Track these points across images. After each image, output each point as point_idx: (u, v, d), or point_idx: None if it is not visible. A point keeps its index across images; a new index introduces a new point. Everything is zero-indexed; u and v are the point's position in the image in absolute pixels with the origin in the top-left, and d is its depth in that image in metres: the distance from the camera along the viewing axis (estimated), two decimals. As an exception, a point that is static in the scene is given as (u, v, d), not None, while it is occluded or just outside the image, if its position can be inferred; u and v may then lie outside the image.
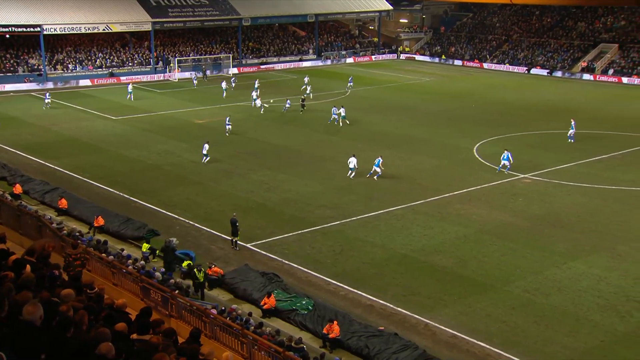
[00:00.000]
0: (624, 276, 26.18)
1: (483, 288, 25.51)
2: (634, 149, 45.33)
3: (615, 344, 21.46)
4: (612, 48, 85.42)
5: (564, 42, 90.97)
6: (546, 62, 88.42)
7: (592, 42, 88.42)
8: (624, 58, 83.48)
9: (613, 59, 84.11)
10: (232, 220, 29.02)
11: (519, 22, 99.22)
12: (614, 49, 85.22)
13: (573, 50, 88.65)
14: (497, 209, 33.98)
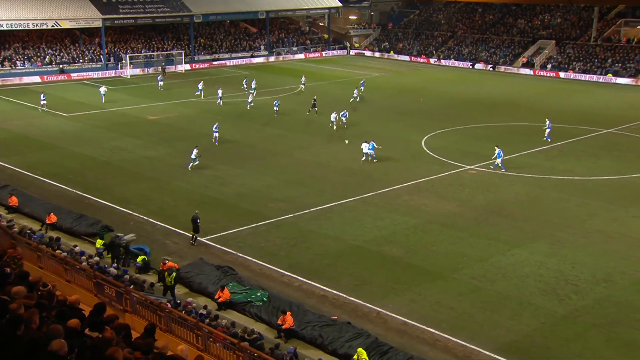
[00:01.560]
0: (562, 261, 27.51)
1: (432, 276, 26.43)
2: (571, 140, 47.23)
3: (555, 326, 22.63)
4: (549, 44, 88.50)
5: (505, 39, 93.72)
6: (489, 57, 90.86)
7: (531, 39, 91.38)
8: (560, 54, 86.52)
9: (551, 55, 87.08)
10: (193, 217, 29.00)
11: (463, 19, 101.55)
12: (551, 45, 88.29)
13: (514, 46, 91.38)
14: (445, 200, 35.08)
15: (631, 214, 32.98)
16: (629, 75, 78.11)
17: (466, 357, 20.72)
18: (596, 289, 25.11)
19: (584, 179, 38.58)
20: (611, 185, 37.58)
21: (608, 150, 45.16)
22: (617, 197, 35.51)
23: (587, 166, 41.19)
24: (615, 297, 24.42)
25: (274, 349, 19.46)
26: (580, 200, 35.05)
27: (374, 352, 20.27)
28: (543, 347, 21.28)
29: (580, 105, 62.20)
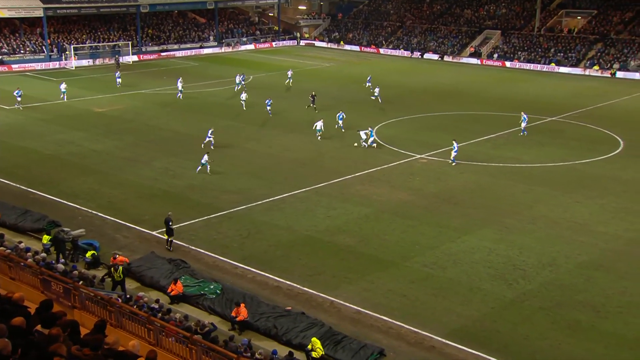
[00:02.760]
0: (510, 247, 28.19)
1: (385, 265, 26.71)
2: (518, 128, 48.30)
3: (504, 310, 23.20)
4: (495, 34, 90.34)
5: (453, 29, 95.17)
6: (438, 47, 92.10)
7: (477, 29, 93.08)
8: (506, 44, 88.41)
9: (497, 45, 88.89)
10: (166, 219, 27.78)
11: (411, 9, 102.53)
12: (497, 35, 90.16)
13: (461, 36, 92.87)
14: (397, 189, 35.46)
15: (574, 199, 33.97)
16: (571, 64, 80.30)
17: (418, 344, 21.05)
18: (542, 273, 25.81)
19: (530, 166, 39.55)
20: (556, 172, 38.62)
21: (552, 137, 46.35)
22: (561, 183, 36.53)
23: (533, 154, 42.20)
24: (559, 281, 25.16)
25: (228, 341, 19.39)
26: (527, 187, 35.91)
27: (328, 341, 20.42)
28: (492, 331, 21.79)
29: (525, 93, 63.62)
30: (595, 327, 21.89)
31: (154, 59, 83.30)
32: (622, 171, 38.73)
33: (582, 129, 49.18)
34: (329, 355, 20.04)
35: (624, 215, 31.76)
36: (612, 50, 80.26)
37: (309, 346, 19.89)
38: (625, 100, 61.63)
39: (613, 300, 23.55)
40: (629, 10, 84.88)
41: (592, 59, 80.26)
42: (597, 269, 26.09)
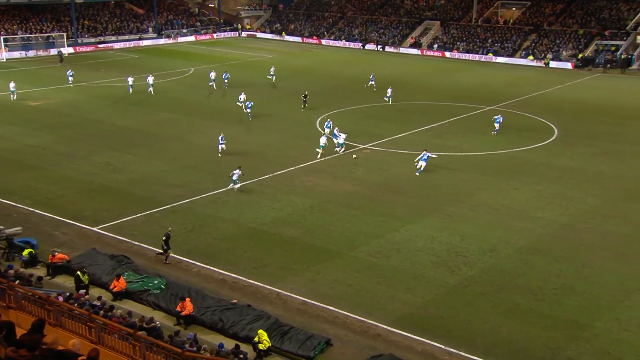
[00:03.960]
0: (453, 234, 28.77)
1: (330, 255, 26.87)
2: (458, 118, 49.30)
3: (447, 296, 23.69)
4: (435, 25, 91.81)
5: (394, 19, 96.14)
6: (379, 38, 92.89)
7: (417, 20, 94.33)
8: (445, 34, 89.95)
9: (436, 35, 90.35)
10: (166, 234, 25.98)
11: (352, 0, 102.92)
12: (437, 25, 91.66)
13: (402, 27, 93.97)
14: (341, 179, 35.67)
15: (512, 186, 34.91)
16: (507, 54, 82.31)
17: (364, 332, 21.29)
18: (483, 259, 26.46)
19: (470, 155, 40.40)
20: (495, 160, 39.57)
21: (491, 126, 47.40)
22: (500, 171, 37.47)
23: (473, 142, 43.10)
24: (500, 266, 25.86)
25: (173, 336, 19.18)
26: (468, 175, 36.67)
27: (274, 333, 20.44)
28: (436, 317, 22.23)
29: (464, 83, 64.90)
30: (533, 310, 22.59)
31: (90, 51, 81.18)
32: (556, 158, 39.99)
33: (519, 118, 50.52)
34: (275, 347, 20.07)
35: (559, 200, 32.83)
36: (546, 41, 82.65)
37: (256, 338, 19.87)
38: (559, 89, 63.63)
39: (549, 283, 24.36)
40: (560, 2, 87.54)
41: (527, 49, 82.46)
42: (535, 254, 26.91)
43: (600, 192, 33.97)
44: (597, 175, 36.87)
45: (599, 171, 37.55)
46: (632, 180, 35.95)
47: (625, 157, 40.23)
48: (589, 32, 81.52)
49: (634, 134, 46.02)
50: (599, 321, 21.80)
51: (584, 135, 45.50)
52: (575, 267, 25.69)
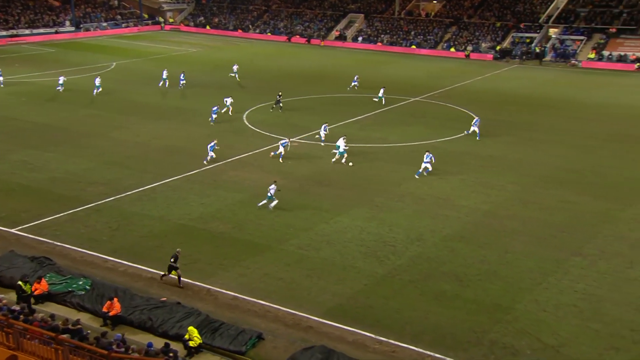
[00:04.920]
0: (381, 225, 29.24)
1: (260, 249, 26.80)
2: (383, 110, 50.06)
3: (377, 285, 24.07)
4: (359, 18, 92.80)
5: (318, 12, 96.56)
6: (304, 31, 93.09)
7: (342, 13, 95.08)
8: (369, 27, 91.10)
9: (361, 28, 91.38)
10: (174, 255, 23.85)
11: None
12: (361, 18, 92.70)
13: (326, 20, 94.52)
14: (269, 173, 35.57)
15: (437, 176, 35.70)
16: (430, 46, 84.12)
17: (296, 325, 21.38)
18: (411, 248, 27.02)
19: (396, 146, 41.10)
20: (420, 151, 40.21)
21: (416, 117, 48.41)
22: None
23: (399, 133, 43.87)
24: (426, 254, 26.47)
25: (100, 337, 18.68)
26: (394, 166, 37.29)
27: (205, 329, 20.26)
28: (366, 307, 22.55)
29: (389, 75, 65.89)
30: (458, 296, 23.26)
31: (1, 45, 77.65)
32: (479, 147, 41.20)
33: (442, 109, 51.75)
34: (207, 344, 19.90)
35: (482, 188, 33.86)
36: (465, 33, 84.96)
37: (186, 336, 19.63)
38: (479, 80, 65.57)
39: (473, 269, 25.14)
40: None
41: (449, 41, 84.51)
42: (460, 241, 27.69)
43: (520, 180, 35.25)
44: (517, 163, 38.24)
45: (518, 159, 38.94)
46: (548, 167, 37.46)
47: (542, 145, 41.86)
48: (505, 24, 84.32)
49: (549, 123, 47.96)
50: (519, 303, 22.68)
51: (503, 124, 47.06)
52: (497, 252, 26.60)
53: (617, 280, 24.19)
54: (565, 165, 37.78)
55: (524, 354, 19.77)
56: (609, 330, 21.00)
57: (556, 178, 35.47)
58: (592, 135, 44.20)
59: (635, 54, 73.76)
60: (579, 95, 58.61)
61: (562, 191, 33.50)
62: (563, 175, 35.53)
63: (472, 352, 19.90)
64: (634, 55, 73.63)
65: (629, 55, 73.90)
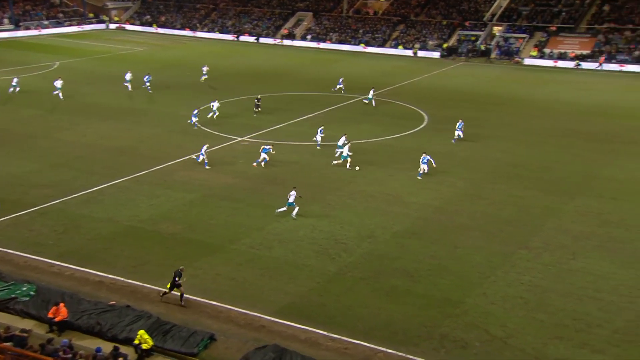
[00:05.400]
0: (333, 222, 29.35)
1: (212, 249, 26.57)
2: (334, 107, 50.23)
3: (329, 283, 24.16)
4: (307, 16, 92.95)
5: (267, 11, 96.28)
6: (253, 29, 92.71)
7: (290, 11, 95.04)
8: (318, 25, 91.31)
9: (310, 26, 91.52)
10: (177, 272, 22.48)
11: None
12: (309, 17, 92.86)
13: (275, 18, 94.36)
14: (220, 172, 35.30)
15: (388, 173, 36.09)
16: (378, 44, 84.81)
17: (248, 325, 21.28)
18: (362, 245, 27.21)
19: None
20: (370, 148, 40.73)
21: (366, 115, 48.74)
22: (375, 158, 38.59)
23: (349, 131, 43.98)
24: (378, 251, 26.71)
25: (45, 344, 18.20)
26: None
27: (156, 332, 19.98)
28: (319, 305, 22.62)
29: (339, 73, 65.99)
30: (409, 291, 23.56)
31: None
32: (427, 144, 41.71)
33: (392, 106, 52.26)
34: (158, 346, 19.63)
35: (432, 185, 34.34)
36: (413, 31, 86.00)
37: (136, 340, 19.32)
38: (427, 77, 66.49)
39: (424, 265, 25.49)
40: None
41: (397, 39, 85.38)
42: (410, 237, 28.03)
43: (469, 175, 35.89)
44: (465, 159, 38.92)
45: (467, 155, 39.64)
46: (495, 163, 38.26)
47: (489, 141, 42.72)
48: (451, 22, 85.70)
49: (495, 119, 48.98)
50: (469, 297, 23.10)
51: (451, 121, 47.73)
52: (447, 247, 27.03)
53: (560, 272, 24.90)
54: (512, 161, 38.65)
55: (473, 347, 20.16)
56: (553, 320, 21.59)
57: (503, 173, 36.25)
58: (537, 131, 45.32)
59: (575, 51, 75.95)
60: (523, 92, 60.03)
61: (509, 186, 34.26)
62: (510, 170, 36.32)
63: (423, 346, 20.18)
64: (573, 52, 75.80)
65: (569, 53, 76.03)
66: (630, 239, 27.80)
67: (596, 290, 23.44)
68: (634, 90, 60.64)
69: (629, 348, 20.03)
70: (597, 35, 77.00)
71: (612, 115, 50.76)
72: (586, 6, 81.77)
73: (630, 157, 39.41)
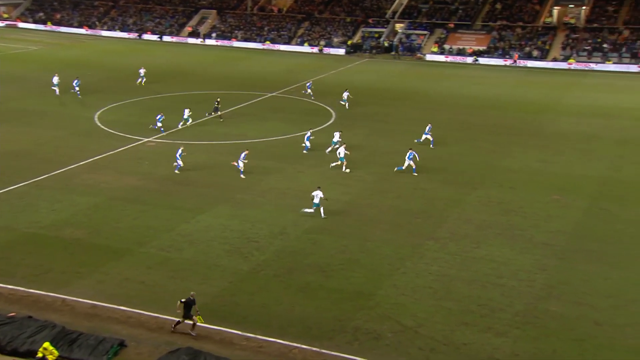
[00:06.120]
0: (244, 221, 29.19)
1: (119, 253, 25.81)
2: (241, 106, 49.93)
3: (242, 282, 24.02)
4: (211, 14, 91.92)
5: (169, 8, 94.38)
6: (155, 27, 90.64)
7: (193, 9, 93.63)
8: (223, 23, 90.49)
9: (214, 24, 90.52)
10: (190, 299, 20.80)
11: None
12: (213, 14, 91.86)
13: (178, 16, 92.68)
14: (126, 174, 34.34)
15: (297, 169, 36.28)
16: (284, 42, 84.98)
17: (160, 328, 20.83)
18: (274, 242, 27.22)
19: (256, 141, 41.15)
20: (279, 145, 40.77)
21: (274, 112, 48.74)
22: (284, 155, 38.68)
23: (257, 129, 43.97)
24: (290, 247, 26.80)
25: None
26: (255, 161, 37.17)
27: (61, 342, 19.20)
28: (232, 304, 22.45)
29: (245, 71, 65.86)
30: (322, 286, 23.79)
31: None
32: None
33: (299, 103, 52.53)
34: (65, 357, 18.87)
35: (341, 180, 34.77)
36: (318, 29, 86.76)
37: (39, 353, 18.47)
38: (333, 74, 67.29)
39: (336, 259, 25.81)
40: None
41: (302, 36, 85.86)
42: (322, 233, 28.29)
43: (377, 170, 36.60)
44: (372, 153, 39.67)
45: (374, 150, 40.42)
46: (402, 156, 39.16)
47: (395, 135, 43.74)
48: (355, 19, 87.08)
49: (400, 114, 50.24)
50: (380, 289, 23.60)
51: (358, 117, 48.63)
52: (358, 241, 27.48)
53: (465, 260, 25.87)
54: (417, 154, 39.67)
55: (385, 338, 20.61)
56: (459, 307, 22.42)
57: (408, 166, 37.18)
58: (439, 124, 46.79)
59: (472, 47, 79.03)
60: (425, 86, 61.85)
61: (415, 179, 35.21)
62: (416, 164, 37.31)
63: (337, 340, 20.44)
64: (471, 48, 78.86)
65: (467, 49, 79.05)
66: (527, 225, 29.26)
67: (498, 277, 24.53)
68: (524, 85, 63.80)
69: (528, 329, 21.11)
70: (492, 32, 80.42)
71: (506, 108, 53.18)
72: (480, 4, 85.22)
73: (523, 148, 41.41)
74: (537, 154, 39.79)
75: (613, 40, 74.42)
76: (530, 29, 79.64)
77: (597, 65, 71.57)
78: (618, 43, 73.86)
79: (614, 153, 40.12)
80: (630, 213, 30.69)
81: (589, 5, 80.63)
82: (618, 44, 73.70)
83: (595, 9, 79.99)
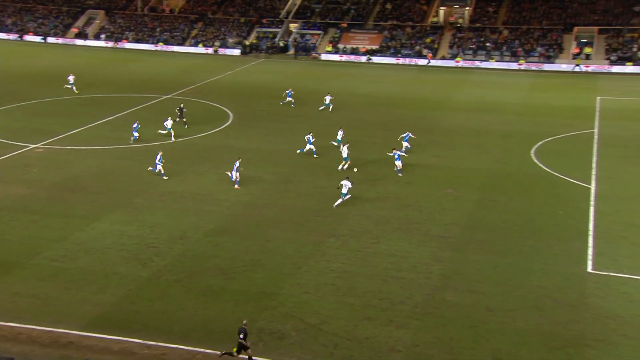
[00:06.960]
0: (142, 226, 28.43)
1: (8, 267, 24.50)
2: (135, 108, 48.57)
3: (141, 289, 23.39)
4: (99, 14, 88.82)
5: (52, 8, 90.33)
6: (38, 28, 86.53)
7: (79, 9, 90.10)
8: (112, 24, 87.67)
9: (102, 25, 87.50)
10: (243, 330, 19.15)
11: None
12: (101, 15, 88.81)
13: (63, 17, 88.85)
14: (12, 183, 32.59)
15: (197, 172, 35.75)
16: (178, 43, 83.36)
17: (54, 343, 19.95)
18: (175, 247, 26.70)
19: (151, 145, 40.15)
20: (176, 148, 39.97)
21: (169, 115, 47.67)
22: (182, 158, 37.98)
23: (153, 133, 42.88)
24: (191, 251, 26.38)
25: None
26: (149, 166, 36.36)
27: (-53, 365, 17.99)
28: (131, 313, 21.83)
29: (137, 73, 64.10)
30: (225, 289, 23.59)
31: None
32: (234, 140, 42.01)
33: (196, 105, 51.71)
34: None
35: (240, 181, 34.45)
36: (212, 29, 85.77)
37: None
38: (229, 74, 66.76)
39: (238, 261, 25.66)
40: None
41: (196, 37, 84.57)
42: (223, 235, 28.04)
43: (276, 169, 36.67)
44: (271, 153, 39.70)
45: (272, 150, 40.47)
46: (299, 156, 39.49)
47: (292, 135, 43.93)
48: (249, 20, 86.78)
49: (297, 113, 50.54)
50: (283, 289, 23.69)
51: (255, 117, 48.51)
52: (260, 242, 27.43)
53: (366, 256, 26.44)
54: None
55: (290, 337, 20.73)
56: (362, 302, 22.90)
57: (308, 165, 37.55)
58: (336, 122, 47.44)
59: (365, 46, 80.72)
60: (321, 85, 62.50)
61: (313, 177, 35.57)
62: (313, 162, 37.72)
63: (243, 341, 20.33)
64: (364, 48, 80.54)
65: (360, 48, 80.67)
66: (423, 219, 30.28)
67: (398, 270, 25.24)
68: (417, 82, 65.93)
69: (427, 320, 21.89)
70: (383, 32, 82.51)
71: (398, 105, 54.68)
72: (371, 4, 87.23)
73: (418, 144, 42.76)
74: (431, 149, 41.19)
75: (494, 39, 78.31)
76: (420, 29, 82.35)
77: (482, 63, 75.03)
78: (499, 42, 77.78)
79: (500, 146, 42.22)
80: (516, 203, 32.44)
81: (471, 6, 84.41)
82: (499, 43, 77.61)
83: (477, 10, 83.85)
